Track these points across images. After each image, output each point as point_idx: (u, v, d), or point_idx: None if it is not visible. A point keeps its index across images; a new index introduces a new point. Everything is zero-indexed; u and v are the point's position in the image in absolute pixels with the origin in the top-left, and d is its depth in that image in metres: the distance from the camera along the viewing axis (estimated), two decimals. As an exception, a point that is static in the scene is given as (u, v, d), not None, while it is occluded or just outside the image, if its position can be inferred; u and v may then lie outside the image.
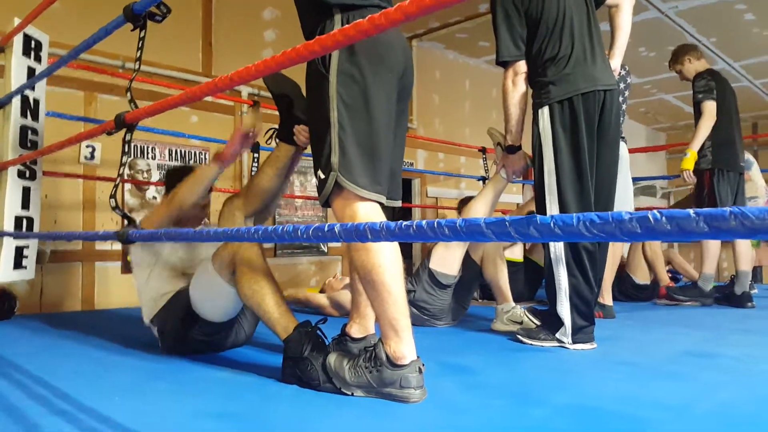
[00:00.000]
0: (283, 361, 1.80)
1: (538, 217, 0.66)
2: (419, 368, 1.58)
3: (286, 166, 2.18)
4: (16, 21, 2.69)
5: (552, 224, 0.64)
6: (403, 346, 1.58)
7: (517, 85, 2.47)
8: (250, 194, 2.18)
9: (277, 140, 2.17)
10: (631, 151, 3.71)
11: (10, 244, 2.69)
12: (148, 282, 2.27)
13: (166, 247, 2.31)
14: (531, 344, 2.42)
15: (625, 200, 3.46)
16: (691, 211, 0.56)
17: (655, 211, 0.59)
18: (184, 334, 2.14)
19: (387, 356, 1.58)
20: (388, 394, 1.58)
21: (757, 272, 6.14)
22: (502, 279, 2.93)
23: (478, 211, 2.73)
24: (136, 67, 1.69)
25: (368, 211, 1.61)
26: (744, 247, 4.15)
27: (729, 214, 0.53)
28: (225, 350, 2.28)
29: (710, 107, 3.86)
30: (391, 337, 1.58)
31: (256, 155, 3.95)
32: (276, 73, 2.05)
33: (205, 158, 4.63)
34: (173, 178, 2.43)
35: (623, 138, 3.50)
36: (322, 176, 1.63)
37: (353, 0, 1.66)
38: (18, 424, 1.36)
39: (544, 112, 2.38)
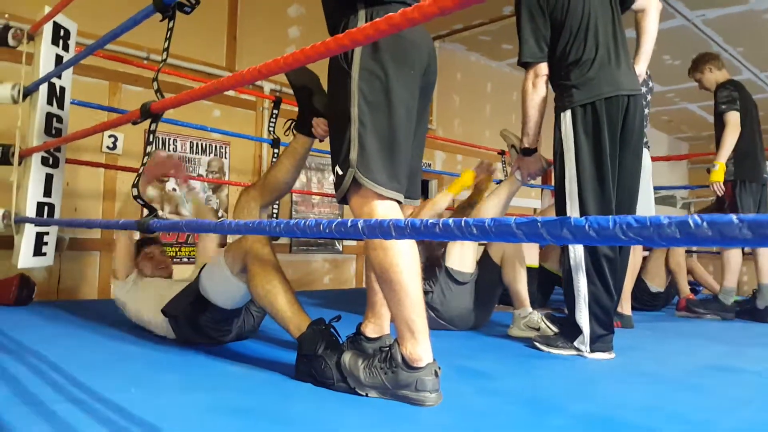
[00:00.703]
0: (296, 358, 1.79)
1: (573, 218, 0.64)
2: (435, 371, 1.56)
3: (304, 158, 2.18)
4: (47, 9, 2.71)
5: (587, 226, 0.62)
6: (420, 347, 1.56)
7: (538, 87, 2.43)
8: (267, 185, 2.18)
9: (295, 132, 2.16)
10: (652, 159, 3.66)
11: (31, 231, 2.72)
12: (140, 312, 2.44)
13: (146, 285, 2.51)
14: (548, 352, 2.39)
15: (647, 209, 3.41)
16: (734, 216, 0.54)
17: (695, 215, 0.57)
18: (195, 320, 2.16)
19: (403, 358, 1.56)
20: (403, 396, 1.56)
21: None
22: (520, 283, 2.90)
23: (489, 211, 2.70)
24: (163, 57, 1.69)
25: (386, 209, 1.59)
26: (766, 260, 4.08)
27: (776, 221, 0.51)
28: (233, 337, 2.30)
29: (734, 118, 3.81)
30: (408, 338, 1.56)
31: (276, 150, 3.96)
32: (299, 66, 2.05)
33: (226, 152, 4.65)
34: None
35: (647, 145, 3.45)
36: (340, 172, 1.62)
37: None
38: (34, 410, 1.37)
39: (567, 116, 2.34)
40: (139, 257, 2.71)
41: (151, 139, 1.57)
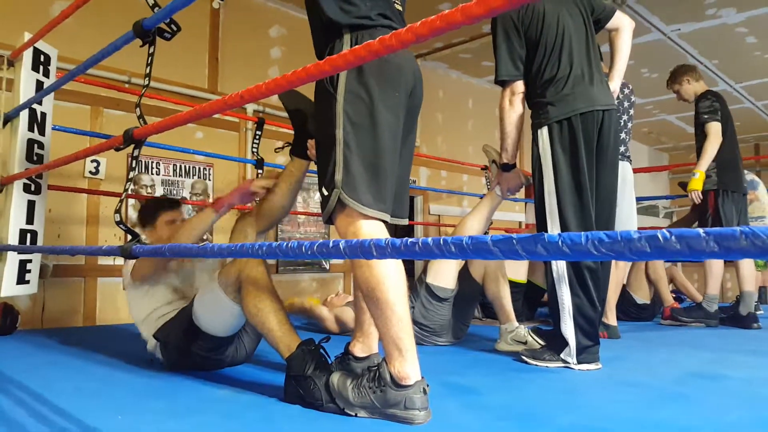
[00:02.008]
0: (285, 379, 1.79)
1: (546, 235, 0.66)
2: (424, 389, 1.57)
3: (300, 181, 2.20)
4: (27, 36, 2.71)
5: (560, 242, 0.64)
6: (408, 366, 1.56)
7: (515, 105, 2.48)
8: (264, 211, 2.19)
9: (291, 155, 2.18)
10: (634, 170, 3.71)
11: (14, 259, 2.69)
12: (145, 313, 2.31)
13: (160, 282, 2.35)
14: (535, 365, 2.40)
15: (629, 220, 3.46)
16: (701, 230, 0.56)
17: (664, 230, 0.58)
18: (186, 348, 2.14)
19: (391, 376, 1.56)
20: (392, 415, 1.56)
21: (762, 293, 6.11)
22: (505, 298, 2.92)
23: (472, 227, 2.73)
24: (146, 83, 1.70)
25: (371, 229, 1.60)
26: (748, 267, 4.13)
27: (740, 233, 0.52)
28: (225, 366, 2.27)
29: (716, 128, 3.88)
30: (396, 356, 1.57)
31: (259, 171, 3.96)
32: (291, 90, 2.07)
33: (210, 174, 4.65)
34: (146, 212, 2.55)
35: (629, 157, 3.51)
36: (326, 193, 1.64)
37: (362, 20, 1.67)
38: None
39: (543, 133, 2.39)
40: (158, 222, 2.51)
41: (134, 165, 1.58)
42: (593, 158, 2.36)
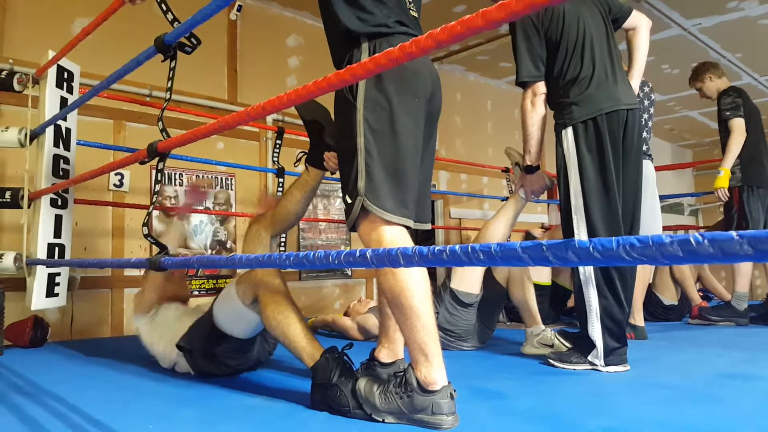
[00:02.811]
0: (311, 387, 1.80)
1: (577, 241, 0.65)
2: (451, 394, 1.56)
3: (314, 189, 2.22)
4: (51, 54, 2.77)
5: (591, 248, 0.63)
6: (434, 371, 1.56)
7: (536, 106, 2.47)
8: (278, 216, 2.21)
9: (307, 165, 2.20)
10: (657, 168, 3.67)
11: (43, 272, 2.74)
12: (158, 345, 2.42)
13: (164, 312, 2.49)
14: (563, 368, 2.38)
15: (653, 219, 3.42)
16: (734, 233, 0.55)
17: (696, 233, 0.58)
18: (211, 352, 2.17)
19: (418, 382, 1.56)
20: (419, 420, 1.56)
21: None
22: (530, 301, 2.90)
23: (497, 231, 2.70)
24: (167, 97, 1.72)
25: (394, 235, 1.61)
26: (778, 265, 4.07)
27: (775, 236, 0.52)
28: (251, 365, 2.31)
29: (739, 124, 3.83)
30: (422, 362, 1.57)
31: (281, 180, 3.99)
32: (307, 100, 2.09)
33: (232, 183, 4.69)
34: None
35: (650, 156, 3.47)
36: (349, 201, 1.64)
37: (380, 29, 1.68)
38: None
39: (568, 133, 2.37)
40: (159, 278, 2.59)
41: (159, 178, 1.60)
42: (619, 158, 2.34)
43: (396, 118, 1.62)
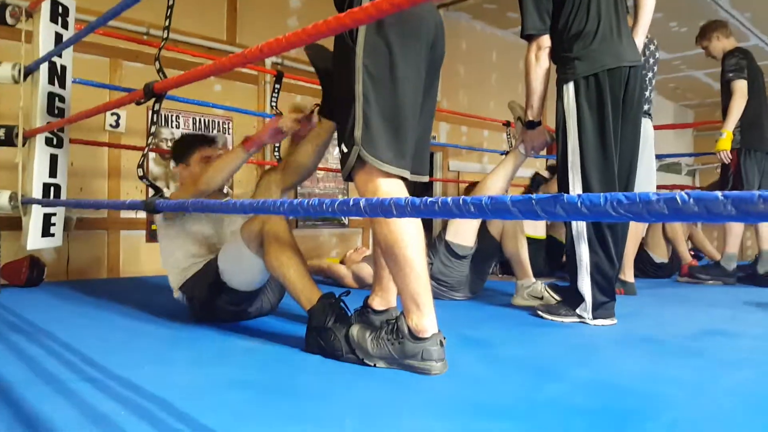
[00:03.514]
0: (306, 331, 1.83)
1: (565, 195, 0.66)
2: (440, 341, 1.60)
3: (327, 142, 2.18)
4: (45, -13, 2.70)
5: (579, 203, 0.64)
6: (425, 319, 1.59)
7: (541, 60, 2.43)
8: (289, 169, 2.20)
9: (319, 115, 2.15)
10: (657, 127, 3.66)
11: (38, 212, 2.75)
12: (173, 253, 2.33)
13: (192, 222, 2.34)
14: (551, 320, 2.43)
15: (648, 178, 3.43)
16: (719, 193, 0.56)
17: (682, 192, 0.59)
18: (212, 302, 2.20)
19: (409, 329, 1.60)
20: (409, 366, 1.61)
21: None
22: (522, 254, 2.94)
23: (496, 184, 2.71)
24: (165, 36, 1.70)
25: (390, 187, 1.61)
26: (767, 227, 4.10)
27: (758, 197, 0.53)
28: (250, 318, 2.33)
29: (742, 86, 3.80)
30: (413, 310, 1.60)
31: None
32: (320, 47, 2.03)
33: (230, 128, 4.66)
34: (181, 146, 2.49)
35: (649, 115, 3.45)
36: (345, 150, 1.63)
37: None
38: (53, 389, 1.41)
39: (569, 88, 2.35)
40: (192, 158, 2.44)
41: (155, 119, 1.59)
42: (618, 115, 2.33)
43: (396, 65, 1.59)
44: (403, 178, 1.65)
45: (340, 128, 1.68)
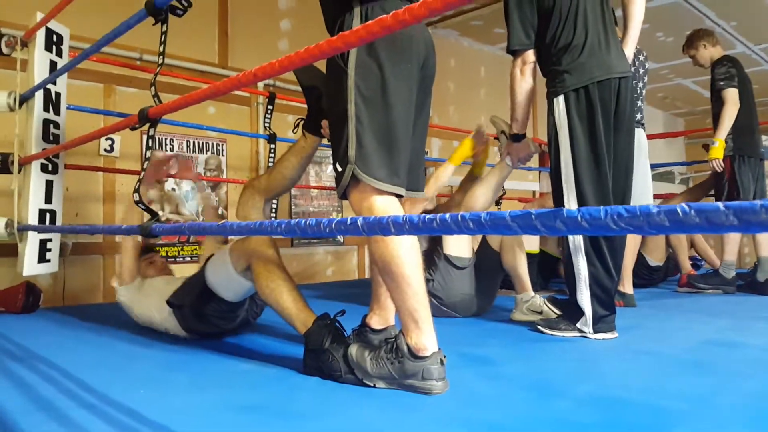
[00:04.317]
0: (304, 353, 1.82)
1: (565, 210, 0.66)
2: (441, 360, 1.59)
3: (310, 156, 2.20)
4: (39, 16, 2.71)
5: (579, 218, 0.64)
6: (424, 337, 1.58)
7: (525, 75, 2.46)
8: (273, 180, 2.21)
9: (304, 131, 2.18)
10: (649, 137, 3.67)
11: (34, 238, 2.74)
12: (151, 316, 2.45)
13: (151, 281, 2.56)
14: (551, 334, 2.42)
15: (644, 189, 3.44)
16: (720, 204, 0.56)
17: (683, 204, 0.58)
18: (201, 310, 2.20)
19: (408, 348, 1.59)
20: (410, 385, 1.59)
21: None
22: (521, 267, 2.92)
23: (482, 197, 2.76)
24: (160, 61, 1.70)
25: (385, 204, 1.61)
26: (765, 234, 4.10)
27: (760, 207, 0.52)
28: (238, 325, 2.36)
29: (733, 94, 3.83)
30: (412, 328, 1.59)
31: (272, 146, 3.97)
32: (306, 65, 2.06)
33: (223, 149, 4.66)
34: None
35: (643, 124, 3.47)
36: (340, 169, 1.63)
37: None
38: (50, 417, 1.39)
39: (560, 101, 2.36)
40: (142, 264, 2.75)
41: (150, 144, 1.59)
42: (610, 126, 2.34)
43: (388, 85, 1.60)
44: (399, 195, 1.65)
45: (334, 147, 1.68)
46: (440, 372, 1.58)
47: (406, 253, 1.57)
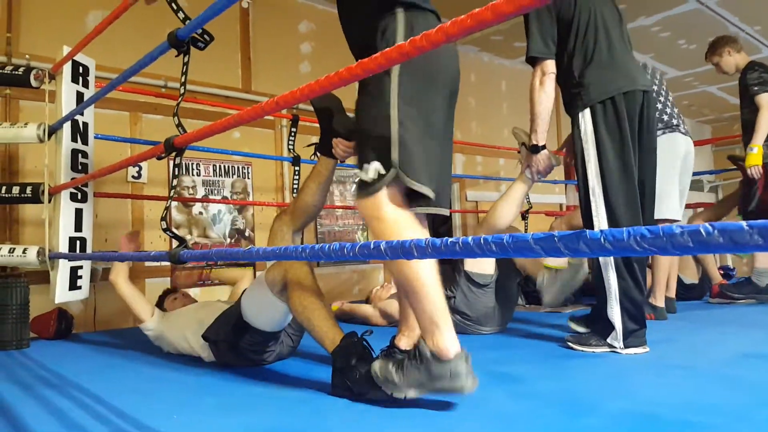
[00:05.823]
0: (332, 373, 1.82)
1: (588, 231, 0.66)
2: (465, 357, 1.56)
3: (329, 179, 2.21)
4: (66, 49, 2.79)
5: (602, 239, 0.64)
6: (445, 339, 1.55)
7: (545, 85, 2.44)
8: (297, 210, 2.23)
9: (318, 154, 2.20)
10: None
11: (65, 266, 2.79)
12: (185, 339, 2.50)
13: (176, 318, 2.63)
14: (582, 350, 2.39)
15: (683, 197, 3.43)
16: (744, 223, 0.55)
17: (707, 224, 0.58)
18: (236, 343, 2.21)
19: (431, 352, 1.56)
20: (440, 388, 1.56)
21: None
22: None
23: (505, 212, 2.71)
24: (181, 91, 1.74)
25: (405, 215, 1.60)
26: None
27: (784, 226, 0.52)
28: (272, 360, 2.33)
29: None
30: (433, 332, 1.56)
31: (297, 168, 4.01)
32: None
33: (249, 172, 4.71)
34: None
35: (687, 133, 3.45)
36: (383, 171, 1.57)
37: (417, 0, 1.66)
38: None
39: (586, 115, 2.35)
40: (167, 302, 2.96)
41: (176, 172, 1.62)
42: (635, 138, 2.33)
43: (430, 92, 1.61)
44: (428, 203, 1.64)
45: (365, 151, 1.64)
46: (468, 369, 1.55)
47: (425, 270, 1.56)
